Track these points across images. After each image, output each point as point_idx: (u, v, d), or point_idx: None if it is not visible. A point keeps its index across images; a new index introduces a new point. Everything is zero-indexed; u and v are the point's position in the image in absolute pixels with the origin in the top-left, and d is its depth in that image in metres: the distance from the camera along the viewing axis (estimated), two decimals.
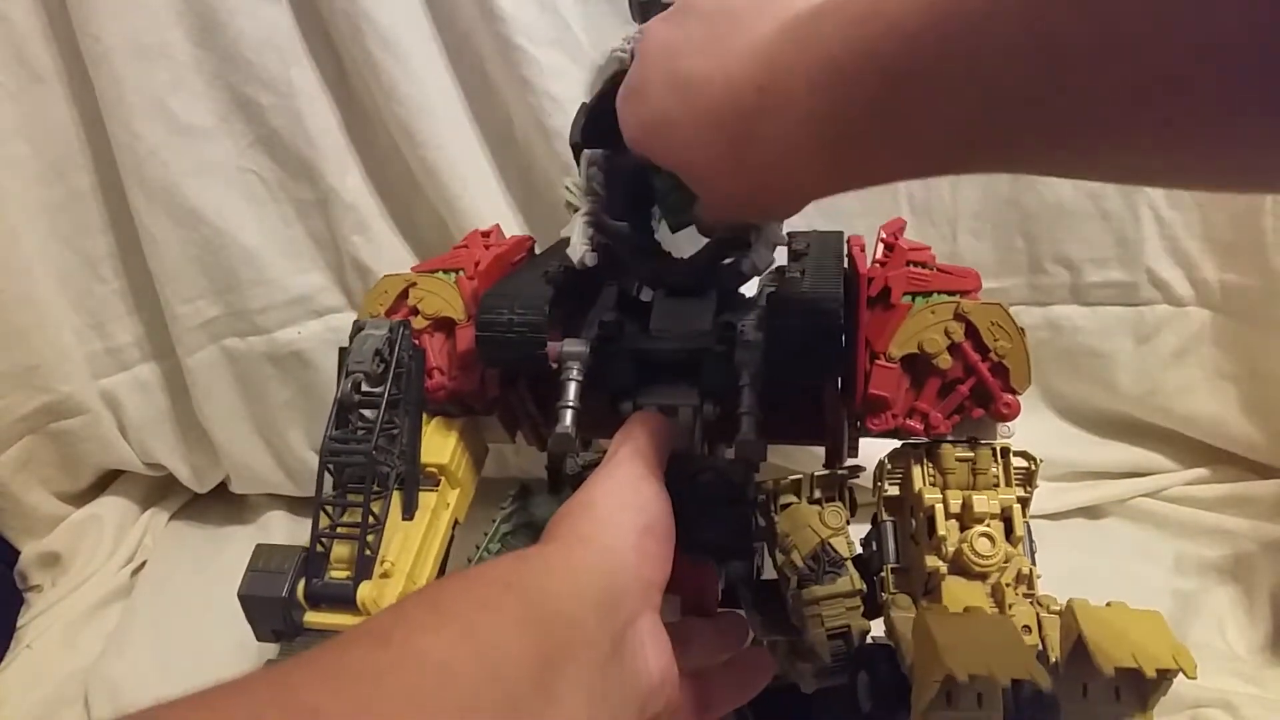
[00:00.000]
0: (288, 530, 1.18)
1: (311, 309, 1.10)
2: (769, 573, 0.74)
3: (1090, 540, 1.07)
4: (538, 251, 0.88)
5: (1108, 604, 0.62)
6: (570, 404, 0.68)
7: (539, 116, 0.98)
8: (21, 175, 1.03)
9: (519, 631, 0.43)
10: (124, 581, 1.15)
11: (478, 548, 0.76)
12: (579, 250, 0.66)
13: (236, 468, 1.19)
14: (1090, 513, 1.10)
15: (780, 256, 0.75)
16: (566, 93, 0.97)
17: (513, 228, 1.04)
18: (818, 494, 0.72)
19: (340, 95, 1.04)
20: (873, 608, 0.70)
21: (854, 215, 0.98)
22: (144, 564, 1.17)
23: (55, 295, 1.08)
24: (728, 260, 0.67)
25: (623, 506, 0.56)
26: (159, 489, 1.25)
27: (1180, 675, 0.56)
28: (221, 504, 1.25)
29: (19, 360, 1.07)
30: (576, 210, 0.67)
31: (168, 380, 1.16)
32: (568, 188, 0.68)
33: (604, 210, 0.68)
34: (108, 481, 1.23)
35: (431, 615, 0.42)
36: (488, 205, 1.03)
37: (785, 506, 0.72)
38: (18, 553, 1.17)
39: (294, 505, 1.21)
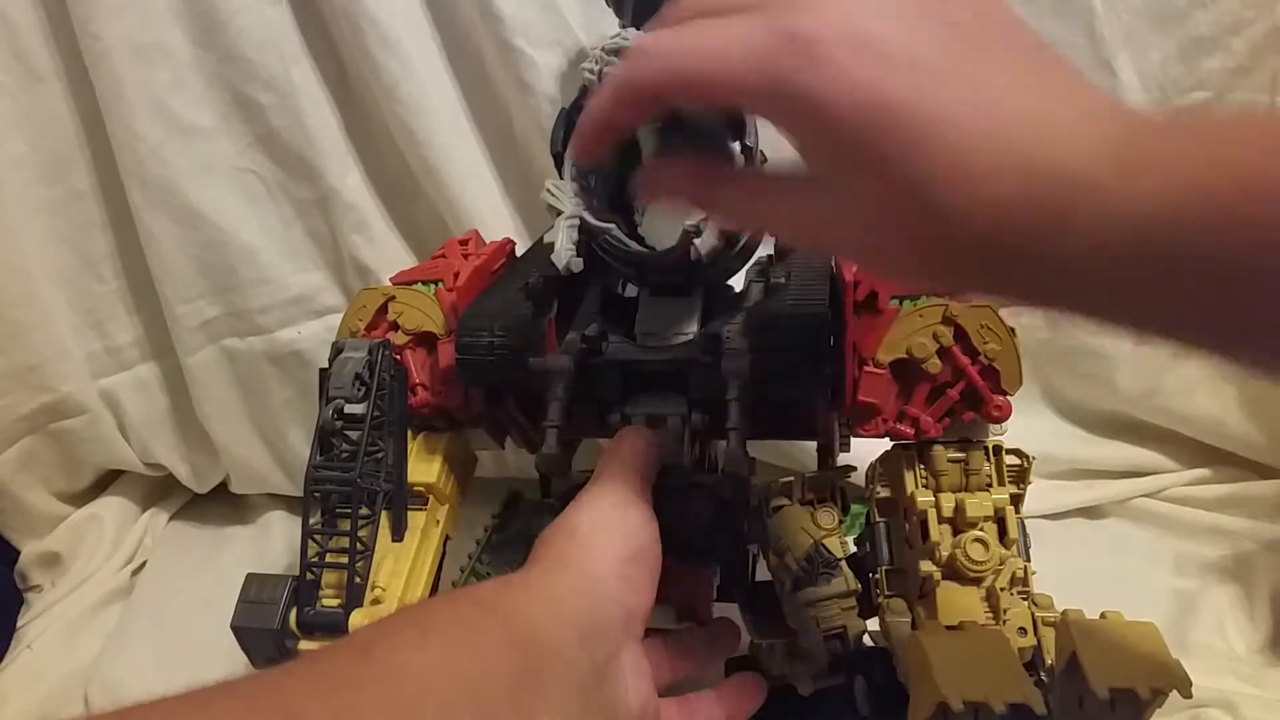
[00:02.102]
0: (287, 531, 1.18)
1: (311, 309, 1.10)
2: (763, 574, 0.74)
3: (1090, 540, 1.07)
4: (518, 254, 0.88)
5: (1102, 615, 0.61)
6: (555, 424, 0.68)
7: (538, 118, 0.98)
8: (21, 174, 1.03)
9: (499, 653, 0.44)
10: (124, 581, 1.15)
11: (470, 557, 0.76)
12: (564, 256, 0.65)
13: (236, 468, 1.19)
14: (1090, 512, 1.10)
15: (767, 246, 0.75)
16: (566, 94, 0.96)
17: (511, 228, 1.04)
18: (809, 495, 0.72)
19: (340, 95, 1.04)
20: (868, 607, 0.70)
21: None
22: (144, 564, 1.17)
23: (55, 295, 1.08)
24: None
25: (607, 532, 0.56)
26: (159, 489, 1.25)
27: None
28: (222, 504, 1.25)
29: (19, 360, 1.07)
30: (559, 214, 0.67)
31: (168, 380, 1.16)
32: (549, 190, 0.67)
33: (588, 211, 0.68)
34: (108, 481, 1.23)
35: (413, 631, 0.43)
36: (487, 205, 1.03)
37: (777, 509, 0.72)
38: (18, 553, 1.17)
39: (294, 505, 1.20)
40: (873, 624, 0.70)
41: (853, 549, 0.72)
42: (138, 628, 1.07)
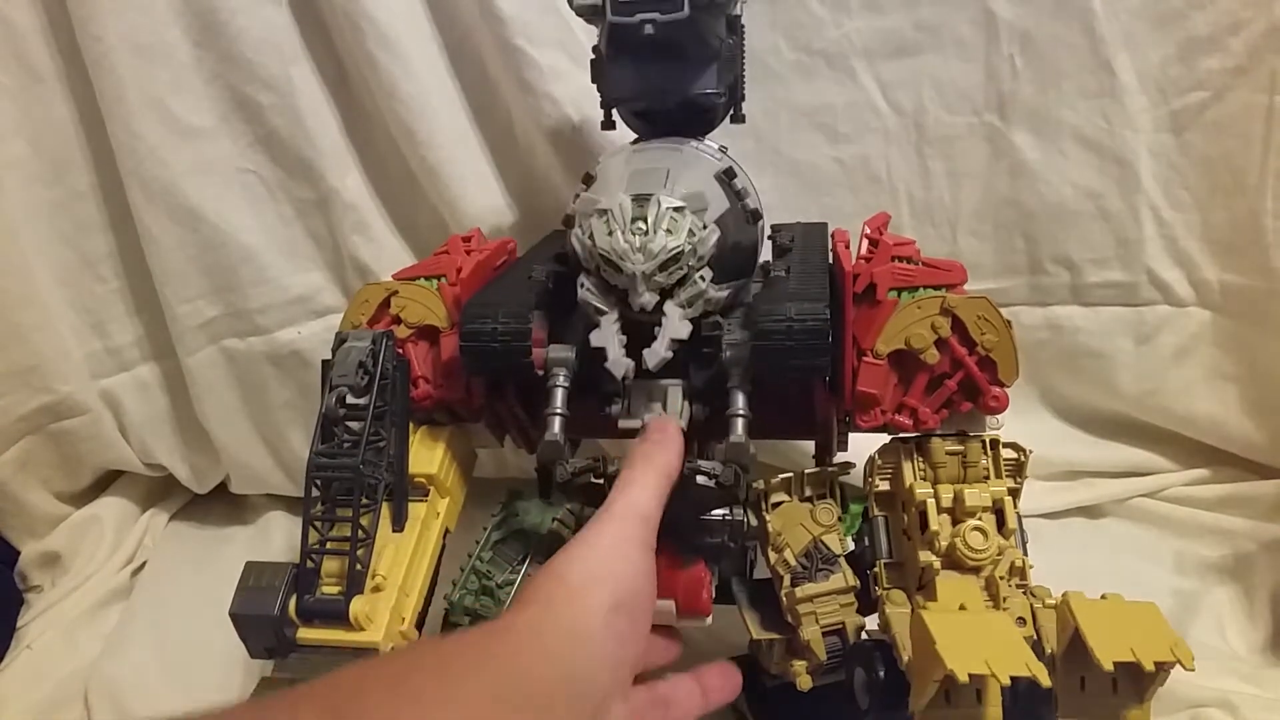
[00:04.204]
0: (287, 531, 1.18)
1: (311, 309, 1.10)
2: (762, 571, 0.74)
3: (1090, 540, 1.07)
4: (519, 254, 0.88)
5: (1103, 596, 0.62)
6: (558, 411, 0.68)
7: (539, 118, 0.98)
8: (21, 175, 1.04)
9: (485, 708, 0.44)
10: (124, 582, 1.15)
11: (470, 555, 0.77)
12: (621, 366, 0.65)
13: (236, 468, 1.19)
14: (1090, 512, 1.10)
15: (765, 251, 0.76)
16: (567, 94, 0.97)
17: (511, 228, 1.04)
18: (809, 491, 0.72)
19: (340, 95, 1.04)
20: (867, 603, 0.70)
21: (852, 215, 0.98)
22: (144, 564, 1.17)
23: (55, 295, 1.08)
24: None
25: (596, 580, 0.55)
26: (159, 489, 1.25)
27: (1179, 675, 0.57)
28: (221, 504, 1.25)
29: (18, 360, 1.07)
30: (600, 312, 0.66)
31: (167, 380, 1.16)
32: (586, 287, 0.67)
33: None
34: (107, 482, 1.24)
35: (391, 695, 0.43)
36: (487, 205, 1.04)
37: (776, 505, 0.72)
38: (18, 553, 1.17)
39: (294, 506, 1.21)
40: (870, 622, 0.70)
41: (851, 546, 0.72)
42: (137, 628, 1.07)
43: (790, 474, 0.72)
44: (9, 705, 0.99)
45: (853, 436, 0.75)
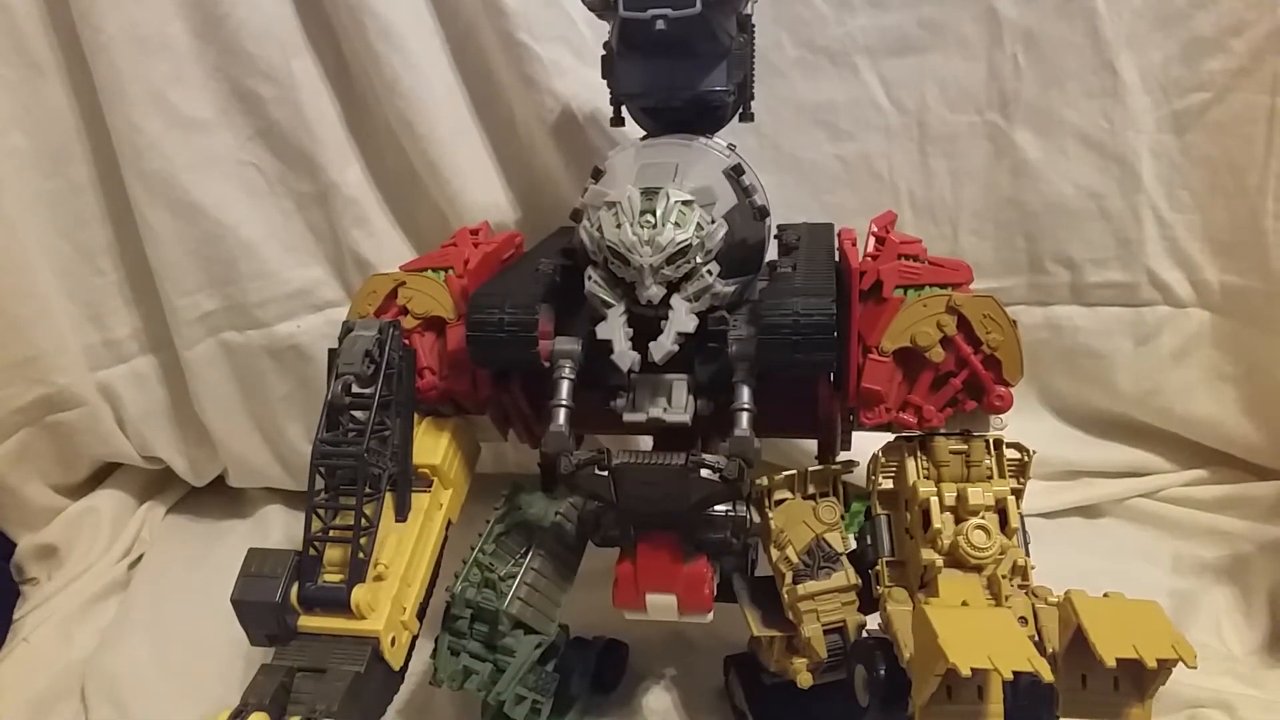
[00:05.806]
0: (285, 525, 1.18)
1: (311, 303, 1.10)
2: (763, 568, 0.74)
3: (1088, 540, 1.07)
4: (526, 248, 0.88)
5: (1105, 594, 0.62)
6: (563, 403, 0.69)
7: (540, 113, 0.98)
8: (20, 167, 1.03)
9: None
10: (121, 575, 1.14)
11: (472, 548, 0.77)
12: (627, 359, 0.66)
13: (234, 461, 1.19)
14: (1088, 512, 1.10)
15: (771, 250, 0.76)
16: (569, 89, 0.97)
17: (512, 223, 1.04)
18: (811, 489, 0.72)
19: (341, 88, 1.04)
20: (868, 602, 0.70)
21: (853, 213, 0.98)
22: (141, 557, 1.17)
23: (53, 287, 1.08)
24: None
25: None
26: (156, 482, 1.25)
27: (1177, 675, 0.57)
28: (219, 498, 1.25)
29: (16, 352, 1.07)
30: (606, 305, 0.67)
31: (166, 373, 1.16)
32: (593, 279, 0.68)
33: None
34: (105, 474, 1.23)
35: None
36: (488, 200, 1.03)
37: (779, 502, 0.72)
38: (14, 545, 1.17)
39: (291, 499, 1.20)
40: (872, 621, 0.70)
41: (853, 544, 0.72)
42: (134, 621, 1.07)
43: (793, 471, 0.72)
44: (6, 698, 0.98)
45: (855, 436, 0.75)
